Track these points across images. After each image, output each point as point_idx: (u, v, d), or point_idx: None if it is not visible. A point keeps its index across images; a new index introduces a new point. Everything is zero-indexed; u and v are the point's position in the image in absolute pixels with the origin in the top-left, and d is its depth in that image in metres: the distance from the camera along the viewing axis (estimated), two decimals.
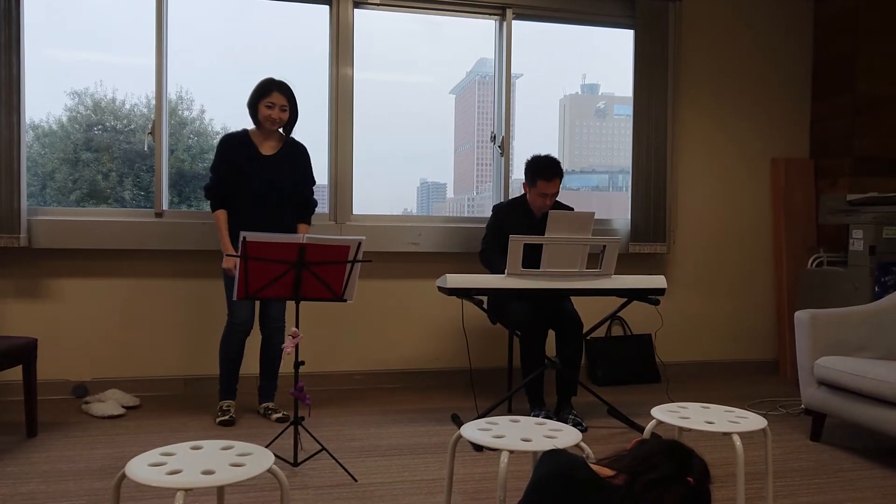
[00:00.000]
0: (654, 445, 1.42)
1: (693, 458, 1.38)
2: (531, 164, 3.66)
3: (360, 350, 4.23)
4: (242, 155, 3.39)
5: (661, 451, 1.39)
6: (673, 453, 1.38)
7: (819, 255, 4.55)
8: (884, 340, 3.36)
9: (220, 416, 3.41)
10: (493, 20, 4.42)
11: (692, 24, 4.63)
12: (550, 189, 3.61)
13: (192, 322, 3.99)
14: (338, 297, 2.91)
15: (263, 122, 3.38)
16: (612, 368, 4.42)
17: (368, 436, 3.29)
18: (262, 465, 1.75)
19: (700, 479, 1.34)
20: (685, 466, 1.35)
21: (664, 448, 1.40)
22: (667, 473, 1.33)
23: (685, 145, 4.66)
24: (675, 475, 1.33)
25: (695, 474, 1.34)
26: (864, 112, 4.50)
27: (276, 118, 3.37)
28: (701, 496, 1.34)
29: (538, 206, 3.67)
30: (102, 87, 4.14)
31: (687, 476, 1.32)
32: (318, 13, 4.18)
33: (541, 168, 3.60)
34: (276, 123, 3.39)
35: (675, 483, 1.32)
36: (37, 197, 4.06)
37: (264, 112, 3.36)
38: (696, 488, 1.33)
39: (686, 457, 1.38)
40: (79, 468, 2.79)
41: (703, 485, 1.35)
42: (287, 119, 3.42)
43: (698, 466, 1.36)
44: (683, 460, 1.37)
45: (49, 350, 3.79)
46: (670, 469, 1.34)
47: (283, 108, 3.38)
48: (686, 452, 1.39)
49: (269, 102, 3.35)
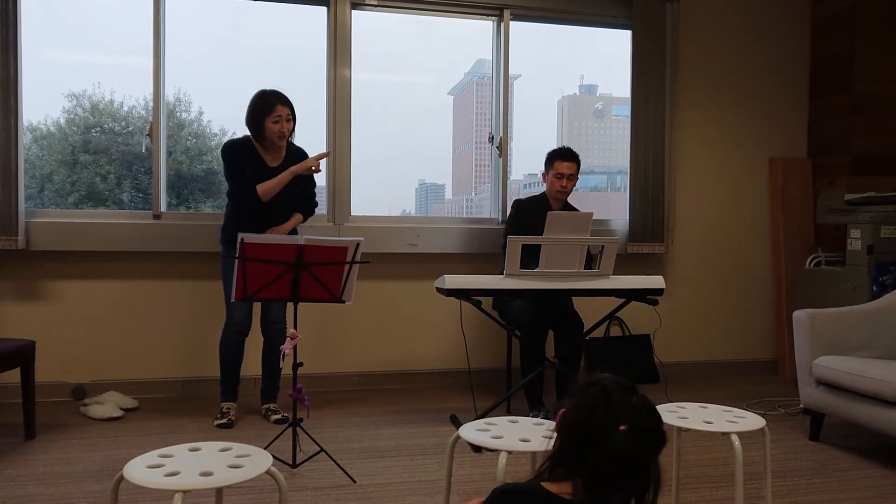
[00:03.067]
0: (572, 419, 1.28)
1: (611, 399, 1.25)
2: (550, 151, 3.83)
3: (358, 351, 4.23)
4: (250, 165, 3.38)
5: (582, 424, 1.26)
6: (591, 416, 1.25)
7: (817, 255, 4.55)
8: (882, 340, 3.36)
9: (217, 419, 3.41)
10: (490, 21, 4.42)
11: (690, 24, 4.63)
12: (566, 169, 3.73)
13: (190, 324, 3.99)
14: (336, 298, 2.91)
15: (272, 138, 3.35)
16: (610, 369, 4.38)
17: (367, 437, 3.29)
18: (260, 467, 1.75)
19: (633, 416, 1.23)
20: (611, 420, 1.22)
21: (582, 417, 1.26)
22: (598, 452, 1.21)
23: (683, 145, 4.66)
24: (604, 442, 1.21)
25: (623, 419, 1.22)
26: (862, 111, 4.51)
27: (285, 131, 3.35)
28: (644, 431, 1.23)
29: (556, 190, 3.74)
30: (100, 88, 4.15)
31: (618, 426, 1.21)
32: (316, 14, 4.18)
33: (558, 151, 3.80)
34: (285, 136, 3.37)
35: (610, 452, 1.20)
36: (35, 199, 4.06)
37: (273, 129, 3.32)
38: (636, 427, 1.22)
39: (606, 407, 1.24)
40: (77, 470, 2.79)
41: (639, 419, 1.23)
42: (293, 128, 3.42)
43: (623, 406, 1.24)
44: (606, 416, 1.23)
45: (47, 352, 3.79)
46: (597, 440, 1.22)
47: (288, 118, 3.36)
48: (603, 401, 1.26)
49: (276, 117, 3.32)
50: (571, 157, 3.76)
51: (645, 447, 1.23)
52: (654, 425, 1.25)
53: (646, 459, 1.23)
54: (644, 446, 1.23)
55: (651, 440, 1.24)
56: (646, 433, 1.23)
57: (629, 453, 1.21)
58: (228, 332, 3.46)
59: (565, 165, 3.73)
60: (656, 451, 1.25)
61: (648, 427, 1.24)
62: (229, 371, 3.50)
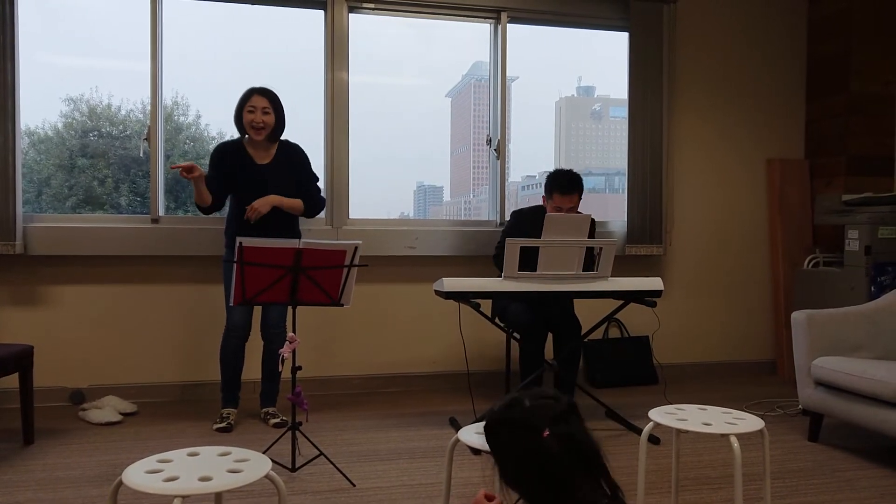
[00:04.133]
0: (497, 444, 1.26)
1: (526, 411, 1.23)
2: (550, 176, 3.59)
3: (357, 354, 4.23)
4: (236, 164, 3.37)
5: (509, 445, 1.24)
6: (512, 433, 1.23)
7: (815, 256, 4.56)
8: (880, 340, 3.36)
9: (217, 423, 3.40)
10: (487, 24, 4.43)
11: (686, 25, 4.64)
12: (566, 203, 3.53)
13: (189, 328, 3.99)
14: (334, 301, 2.91)
15: (248, 129, 3.35)
16: (609, 370, 4.43)
17: (366, 440, 3.28)
18: (259, 471, 1.75)
19: (556, 421, 1.21)
20: (532, 429, 1.20)
21: (507, 437, 1.24)
22: (533, 465, 1.19)
23: (681, 147, 4.67)
24: (534, 453, 1.19)
25: (547, 425, 1.20)
26: (858, 112, 4.52)
27: (259, 121, 3.32)
28: (570, 436, 1.21)
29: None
30: (98, 92, 4.15)
31: (542, 433, 1.19)
32: (313, 18, 4.18)
33: (558, 181, 3.54)
34: (260, 129, 3.33)
35: (536, 459, 1.19)
36: (32, 203, 4.05)
37: (247, 118, 3.33)
38: (559, 432, 1.20)
39: (523, 420, 1.22)
40: (76, 475, 2.78)
41: (562, 423, 1.21)
42: (273, 123, 3.37)
43: (539, 414, 1.22)
44: (525, 425, 1.21)
45: (46, 357, 3.78)
46: (527, 454, 1.20)
47: (265, 111, 3.33)
48: (520, 414, 1.23)
49: (251, 107, 3.32)
50: (571, 190, 3.52)
51: (573, 449, 1.21)
52: (580, 431, 1.23)
53: (583, 462, 1.21)
54: (571, 449, 1.21)
55: (577, 441, 1.22)
56: (570, 434, 1.21)
57: (558, 458, 1.19)
58: (228, 336, 3.46)
59: (565, 199, 3.51)
60: (587, 452, 1.23)
61: (571, 428, 1.22)
62: (230, 378, 3.49)
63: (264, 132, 3.36)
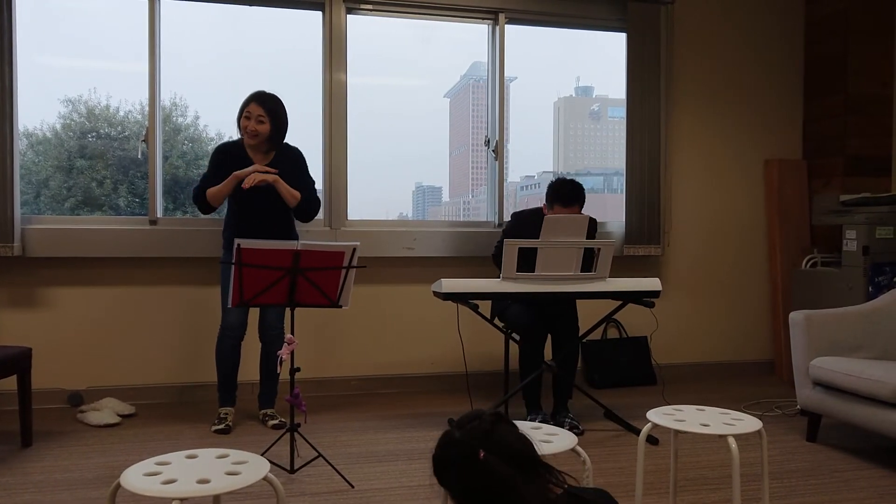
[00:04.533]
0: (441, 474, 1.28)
1: (457, 436, 1.25)
2: (552, 186, 3.52)
3: (355, 355, 4.23)
4: (235, 164, 3.38)
5: (450, 472, 1.26)
6: (454, 463, 1.25)
7: (813, 256, 4.56)
8: (878, 340, 3.37)
9: (215, 425, 3.40)
10: (485, 24, 4.43)
11: (684, 26, 4.64)
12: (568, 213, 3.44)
13: (187, 329, 3.99)
14: (333, 302, 2.91)
15: (242, 135, 3.39)
16: (608, 371, 4.43)
17: (365, 441, 3.28)
18: (257, 474, 1.75)
19: (485, 438, 1.23)
20: (468, 456, 1.22)
21: (448, 465, 1.26)
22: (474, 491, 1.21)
23: (679, 147, 4.67)
24: (475, 474, 1.21)
25: (479, 446, 1.22)
26: (856, 112, 4.52)
27: (251, 129, 3.33)
28: (503, 447, 1.23)
29: None
30: (96, 94, 4.14)
31: (478, 456, 1.22)
32: (311, 19, 4.18)
33: (559, 193, 3.47)
34: (253, 135, 3.34)
35: (482, 481, 1.20)
36: (31, 205, 4.05)
37: (242, 122, 3.36)
38: (492, 447, 1.22)
39: (457, 444, 1.25)
40: (74, 478, 2.78)
41: (493, 438, 1.24)
42: (269, 130, 3.36)
43: (471, 435, 1.24)
44: (462, 455, 1.23)
45: (44, 359, 3.78)
46: (469, 480, 1.22)
47: (259, 120, 3.32)
48: (453, 440, 1.26)
49: (247, 113, 3.34)
50: (574, 201, 3.45)
51: (509, 458, 1.23)
52: (511, 440, 1.26)
53: (522, 467, 1.23)
54: (508, 458, 1.23)
55: (511, 450, 1.24)
56: (503, 445, 1.24)
57: (500, 472, 1.21)
58: (223, 336, 3.46)
59: (566, 211, 3.44)
60: (523, 457, 1.25)
61: (502, 439, 1.25)
62: (226, 376, 3.49)
63: (257, 139, 3.37)
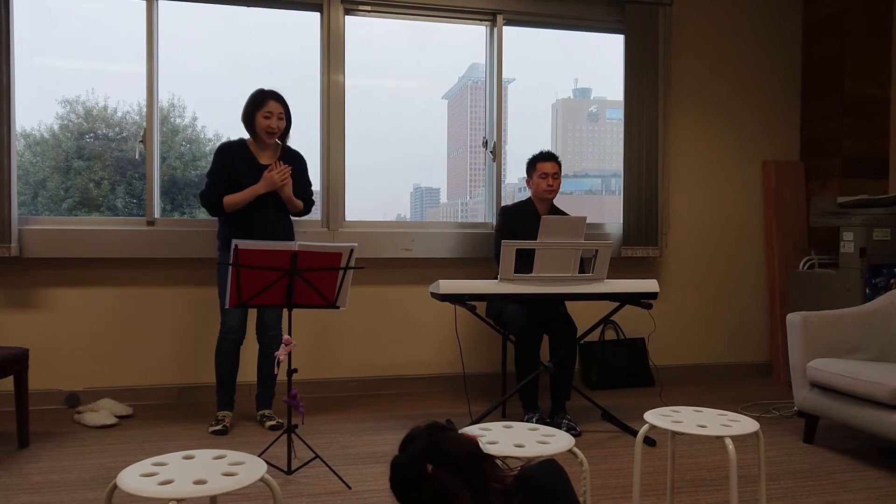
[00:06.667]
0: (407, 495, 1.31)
1: (404, 466, 1.29)
2: (530, 157, 3.86)
3: (353, 357, 4.23)
4: (241, 164, 3.39)
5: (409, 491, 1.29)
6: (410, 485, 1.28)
7: (810, 258, 4.57)
8: (875, 342, 3.37)
9: (212, 426, 3.40)
10: (483, 26, 4.43)
11: (682, 28, 4.65)
12: (549, 168, 3.76)
13: (184, 330, 3.98)
14: (330, 303, 2.91)
15: (261, 133, 3.38)
16: (605, 372, 4.43)
17: (362, 442, 3.28)
18: (254, 475, 1.75)
19: (428, 452, 1.27)
20: (419, 475, 1.26)
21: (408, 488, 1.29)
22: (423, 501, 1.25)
23: (676, 148, 4.68)
24: (429, 492, 1.24)
25: (424, 461, 1.25)
26: (853, 113, 4.53)
27: (274, 127, 3.37)
28: (446, 457, 1.26)
29: (543, 189, 3.76)
30: (94, 94, 4.14)
31: (426, 471, 1.25)
32: (309, 20, 4.18)
33: (538, 154, 3.84)
34: (274, 133, 3.39)
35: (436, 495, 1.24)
36: (28, 206, 4.05)
37: (262, 123, 3.36)
38: (436, 459, 1.25)
39: (409, 474, 1.28)
40: (71, 479, 2.78)
41: (434, 451, 1.27)
42: (283, 128, 3.43)
43: (417, 451, 1.27)
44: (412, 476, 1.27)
45: (41, 360, 3.78)
46: (426, 497, 1.25)
47: (280, 117, 3.39)
48: (406, 471, 1.30)
49: (267, 112, 3.36)
50: (552, 157, 3.82)
51: (454, 466, 1.26)
52: (453, 446, 1.29)
53: (467, 472, 1.26)
54: (453, 466, 1.26)
55: (453, 457, 1.27)
56: (445, 455, 1.27)
57: (449, 482, 1.24)
58: (223, 339, 3.46)
59: (548, 165, 3.77)
60: (466, 462, 1.27)
61: (442, 449, 1.28)
62: (225, 381, 3.49)
63: (275, 137, 3.41)
